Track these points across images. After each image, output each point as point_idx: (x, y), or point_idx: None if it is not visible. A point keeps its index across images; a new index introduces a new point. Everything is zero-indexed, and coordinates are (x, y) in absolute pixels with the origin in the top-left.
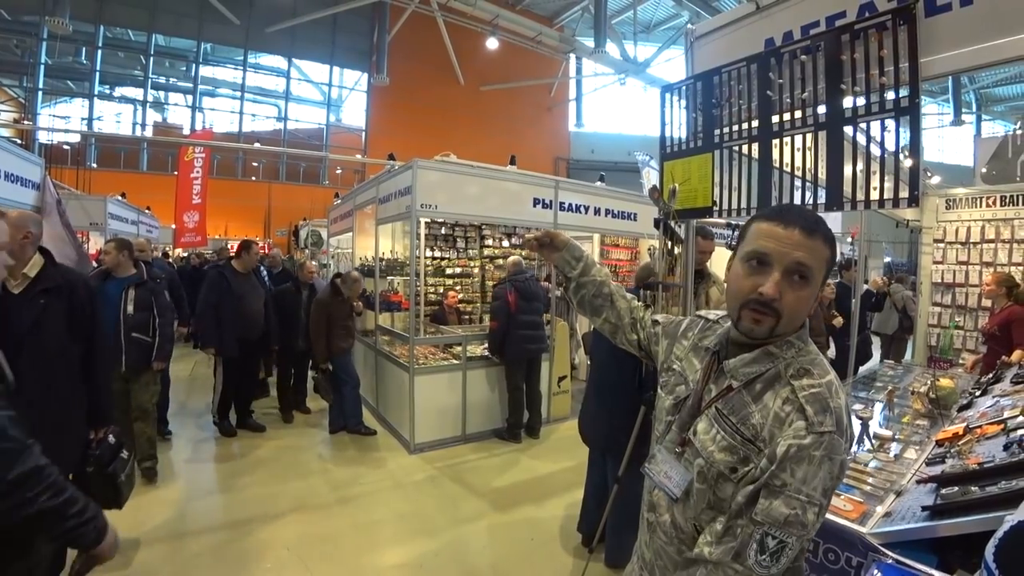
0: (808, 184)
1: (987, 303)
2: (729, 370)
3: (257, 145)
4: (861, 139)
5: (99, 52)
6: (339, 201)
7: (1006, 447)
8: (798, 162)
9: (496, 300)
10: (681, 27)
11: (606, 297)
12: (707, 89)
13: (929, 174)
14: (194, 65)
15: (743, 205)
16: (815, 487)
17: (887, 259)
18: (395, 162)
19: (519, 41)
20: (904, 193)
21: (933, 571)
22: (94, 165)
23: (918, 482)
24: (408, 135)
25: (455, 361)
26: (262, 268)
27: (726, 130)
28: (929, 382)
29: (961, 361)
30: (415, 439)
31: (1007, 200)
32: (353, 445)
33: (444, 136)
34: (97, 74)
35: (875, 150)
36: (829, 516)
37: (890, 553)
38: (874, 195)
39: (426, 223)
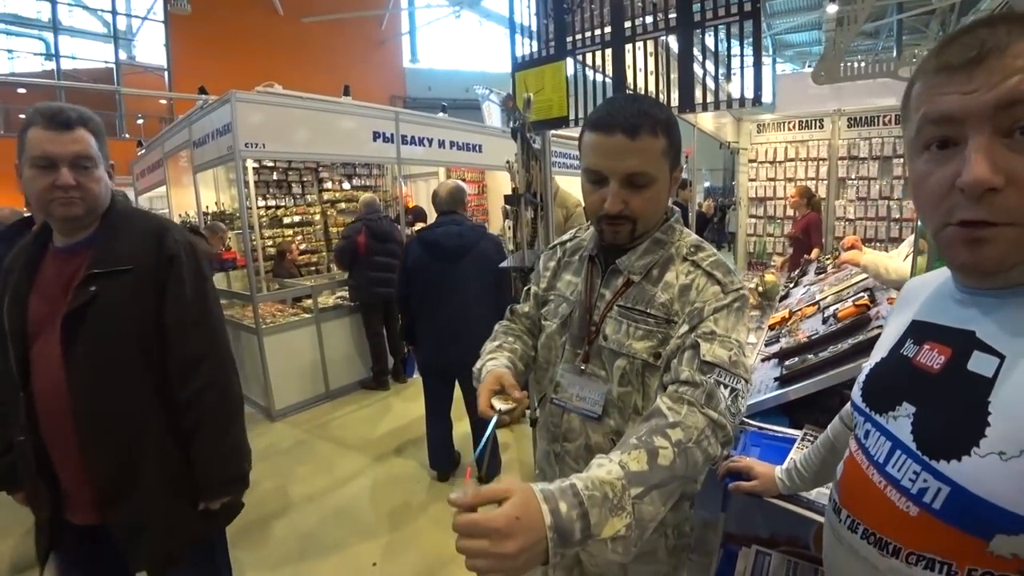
0: (661, 89)
1: (791, 212)
2: (625, 267)
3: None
4: (709, 42)
5: None
6: (143, 151)
7: (824, 321)
8: (651, 67)
9: (343, 240)
10: None
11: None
12: None
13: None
14: None
15: None
16: (738, 336)
17: (706, 184)
18: (208, 96)
19: None
20: (749, 94)
21: (787, 429)
22: None
23: (762, 360)
24: (222, 73)
25: (306, 315)
26: None
27: (578, 37)
28: (757, 279)
29: (772, 263)
30: (275, 405)
31: (803, 124)
32: None
33: (264, 73)
34: None
35: (722, 53)
36: None
37: (754, 422)
38: (722, 96)
39: (255, 168)
